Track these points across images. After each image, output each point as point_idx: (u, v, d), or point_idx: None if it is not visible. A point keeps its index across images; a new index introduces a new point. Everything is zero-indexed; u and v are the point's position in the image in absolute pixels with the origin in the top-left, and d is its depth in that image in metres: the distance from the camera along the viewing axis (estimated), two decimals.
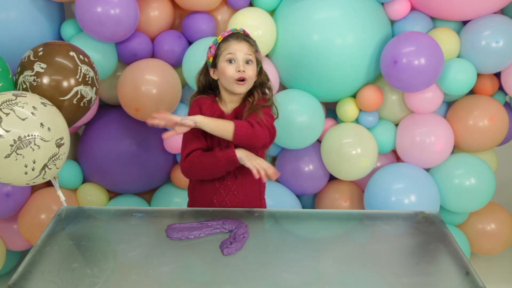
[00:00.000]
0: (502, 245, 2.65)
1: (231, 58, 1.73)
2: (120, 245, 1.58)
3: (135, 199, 2.63)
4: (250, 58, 1.74)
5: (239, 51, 1.73)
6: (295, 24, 2.37)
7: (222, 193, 1.81)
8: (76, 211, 1.75)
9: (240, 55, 1.73)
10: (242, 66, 1.72)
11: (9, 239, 2.52)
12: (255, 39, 1.81)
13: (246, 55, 1.73)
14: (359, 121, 2.53)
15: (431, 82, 2.29)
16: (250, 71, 1.74)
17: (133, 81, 2.31)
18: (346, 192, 2.63)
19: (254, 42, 1.78)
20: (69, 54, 1.90)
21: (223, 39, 1.76)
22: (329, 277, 1.44)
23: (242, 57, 1.73)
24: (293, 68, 2.43)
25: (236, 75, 1.72)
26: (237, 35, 1.76)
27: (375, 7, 2.39)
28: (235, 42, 1.73)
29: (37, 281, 1.36)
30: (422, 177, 2.44)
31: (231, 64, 1.73)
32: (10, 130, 1.65)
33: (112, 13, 2.16)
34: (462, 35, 2.38)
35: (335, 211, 2.27)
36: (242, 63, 1.72)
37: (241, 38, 1.75)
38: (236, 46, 1.73)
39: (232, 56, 1.72)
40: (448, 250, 1.51)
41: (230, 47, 1.73)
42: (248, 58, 1.74)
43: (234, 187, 1.81)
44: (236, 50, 1.73)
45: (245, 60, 1.73)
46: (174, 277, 1.43)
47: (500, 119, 2.46)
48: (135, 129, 2.50)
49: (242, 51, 1.73)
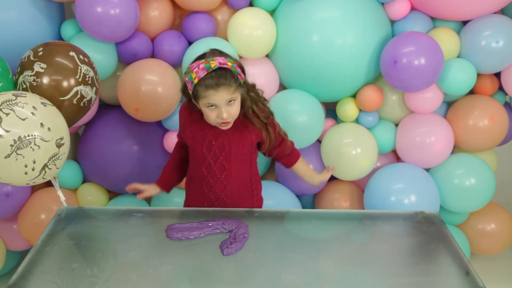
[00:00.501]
0: (502, 245, 2.65)
1: (212, 104, 1.64)
2: (120, 245, 1.58)
3: (135, 199, 2.61)
4: (232, 98, 1.64)
5: (220, 99, 1.62)
6: (295, 24, 2.37)
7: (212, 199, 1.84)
8: (76, 211, 1.75)
9: (222, 103, 1.63)
10: (224, 112, 1.64)
11: (9, 239, 2.52)
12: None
13: (226, 99, 1.63)
14: (359, 121, 2.53)
15: (431, 82, 2.29)
16: (233, 110, 1.67)
17: (133, 81, 2.31)
18: (346, 192, 2.63)
19: (231, 74, 1.62)
20: (69, 54, 1.90)
21: (200, 83, 1.61)
22: (329, 277, 1.44)
23: (224, 103, 1.63)
24: (293, 68, 2.43)
25: (218, 120, 1.67)
26: (214, 81, 1.60)
27: (375, 7, 2.39)
28: (214, 92, 1.61)
29: (37, 281, 1.36)
30: (422, 177, 2.44)
31: (213, 109, 1.65)
32: (10, 130, 1.65)
33: (112, 13, 2.15)
34: (462, 35, 2.38)
35: (335, 211, 2.27)
36: (225, 108, 1.64)
37: (218, 86, 1.60)
38: (215, 96, 1.62)
39: (212, 104, 1.64)
40: (448, 250, 1.51)
41: (210, 97, 1.62)
42: (229, 99, 1.64)
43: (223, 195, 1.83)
44: (216, 100, 1.62)
45: (226, 103, 1.64)
46: (174, 277, 1.43)
47: (500, 119, 2.46)
48: (135, 129, 2.50)
49: (222, 98, 1.62)
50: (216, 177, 1.81)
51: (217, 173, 1.80)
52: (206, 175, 1.81)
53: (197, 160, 1.82)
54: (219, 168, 1.80)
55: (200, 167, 1.81)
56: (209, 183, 1.82)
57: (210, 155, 1.79)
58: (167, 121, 2.45)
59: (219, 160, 1.79)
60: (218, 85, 1.60)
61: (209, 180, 1.81)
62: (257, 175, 1.92)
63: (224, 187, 1.82)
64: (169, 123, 2.45)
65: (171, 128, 2.46)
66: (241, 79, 1.68)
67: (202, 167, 1.81)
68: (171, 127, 2.46)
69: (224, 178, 1.81)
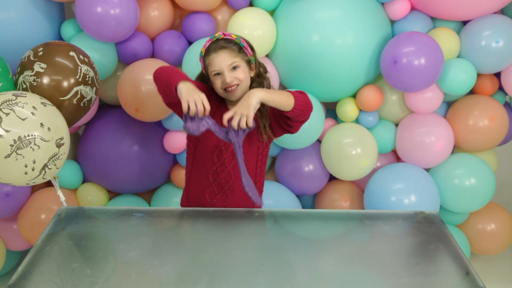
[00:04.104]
0: (502, 245, 2.65)
1: (216, 71, 1.72)
2: (120, 245, 1.58)
3: (135, 199, 2.63)
4: (234, 64, 1.71)
5: (221, 62, 1.70)
6: (295, 24, 2.37)
7: (215, 190, 1.82)
8: (76, 211, 1.75)
9: (224, 66, 1.70)
10: (227, 77, 1.70)
11: (9, 239, 2.52)
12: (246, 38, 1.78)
13: (229, 64, 1.70)
14: (359, 121, 2.53)
15: (431, 82, 2.29)
16: (239, 75, 1.72)
17: (133, 81, 2.31)
18: (346, 192, 2.63)
19: (235, 43, 1.73)
20: (69, 54, 1.91)
21: (205, 52, 1.74)
22: (329, 277, 1.44)
23: (226, 67, 1.70)
24: (293, 68, 2.43)
25: (223, 87, 1.72)
26: (215, 45, 1.72)
27: (375, 7, 2.39)
28: (215, 55, 1.70)
29: (37, 281, 1.36)
30: (422, 177, 2.44)
31: (219, 77, 1.72)
32: (10, 130, 1.65)
33: (112, 13, 2.15)
34: (462, 35, 2.38)
35: (335, 211, 2.27)
36: (228, 73, 1.70)
37: (218, 48, 1.71)
38: (216, 59, 1.70)
39: (217, 70, 1.71)
40: (448, 250, 1.51)
41: (212, 62, 1.71)
42: (232, 65, 1.71)
43: (227, 186, 1.82)
44: (217, 63, 1.70)
45: (229, 68, 1.71)
46: (174, 277, 1.43)
47: (500, 119, 2.46)
48: (135, 129, 2.50)
49: (224, 62, 1.70)
50: (224, 165, 1.80)
51: (226, 161, 1.79)
52: (216, 162, 1.80)
53: (208, 147, 1.80)
54: (229, 157, 1.79)
55: (211, 154, 1.80)
56: (216, 172, 1.80)
57: (223, 142, 1.77)
58: (167, 121, 2.45)
59: (230, 148, 1.78)
60: (219, 47, 1.71)
61: (217, 169, 1.80)
62: (262, 177, 1.91)
63: (230, 177, 1.81)
64: (169, 123, 2.45)
65: (171, 128, 2.46)
66: (250, 55, 1.77)
67: (213, 154, 1.80)
68: (171, 127, 2.46)
69: (232, 168, 1.80)
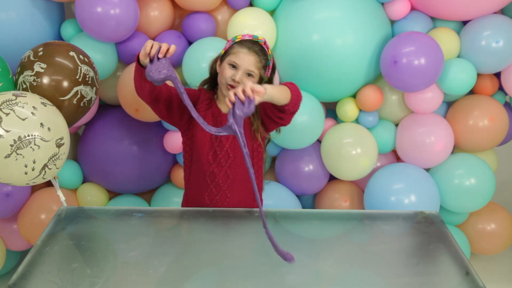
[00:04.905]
0: (502, 245, 2.65)
1: (235, 64, 1.73)
2: (120, 245, 1.58)
3: (135, 199, 2.63)
4: (252, 73, 1.74)
5: (245, 61, 1.73)
6: (295, 24, 2.37)
7: (213, 191, 1.82)
8: (76, 211, 1.75)
9: (245, 66, 1.73)
10: (239, 76, 1.72)
11: (9, 239, 2.52)
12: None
13: (248, 68, 1.73)
14: (359, 121, 2.53)
15: (431, 82, 2.29)
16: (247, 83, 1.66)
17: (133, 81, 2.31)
18: (346, 192, 2.63)
19: (265, 58, 1.77)
20: (69, 54, 1.91)
21: (240, 42, 1.76)
22: (329, 277, 1.44)
23: (244, 68, 1.73)
24: (293, 68, 2.43)
25: (229, 79, 1.73)
26: (252, 45, 1.75)
27: (375, 7, 2.39)
28: (246, 52, 1.73)
29: (37, 281, 1.36)
30: (422, 177, 2.44)
31: (233, 68, 1.74)
32: (10, 130, 1.65)
33: (112, 13, 2.15)
34: (462, 35, 2.38)
35: (335, 211, 2.27)
36: (242, 73, 1.72)
37: (252, 50, 1.74)
38: (244, 55, 1.73)
39: (237, 63, 1.73)
40: (448, 250, 1.52)
41: (239, 54, 1.73)
42: (250, 71, 1.73)
43: (225, 186, 1.81)
44: (242, 59, 1.73)
45: (246, 71, 1.73)
46: (174, 277, 1.43)
47: (500, 119, 2.46)
48: (135, 129, 2.50)
49: (248, 63, 1.73)
50: (220, 166, 1.80)
51: (222, 161, 1.80)
52: (212, 163, 1.80)
53: (203, 150, 1.81)
54: (224, 156, 1.80)
55: (206, 156, 1.80)
56: (213, 173, 1.81)
57: (217, 142, 1.79)
58: None
59: (225, 148, 1.79)
60: (253, 49, 1.74)
61: (213, 170, 1.80)
62: (260, 175, 1.91)
63: (227, 177, 1.81)
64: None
65: (171, 128, 2.46)
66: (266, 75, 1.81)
67: (208, 155, 1.80)
68: (171, 127, 2.46)
69: (228, 167, 1.80)
